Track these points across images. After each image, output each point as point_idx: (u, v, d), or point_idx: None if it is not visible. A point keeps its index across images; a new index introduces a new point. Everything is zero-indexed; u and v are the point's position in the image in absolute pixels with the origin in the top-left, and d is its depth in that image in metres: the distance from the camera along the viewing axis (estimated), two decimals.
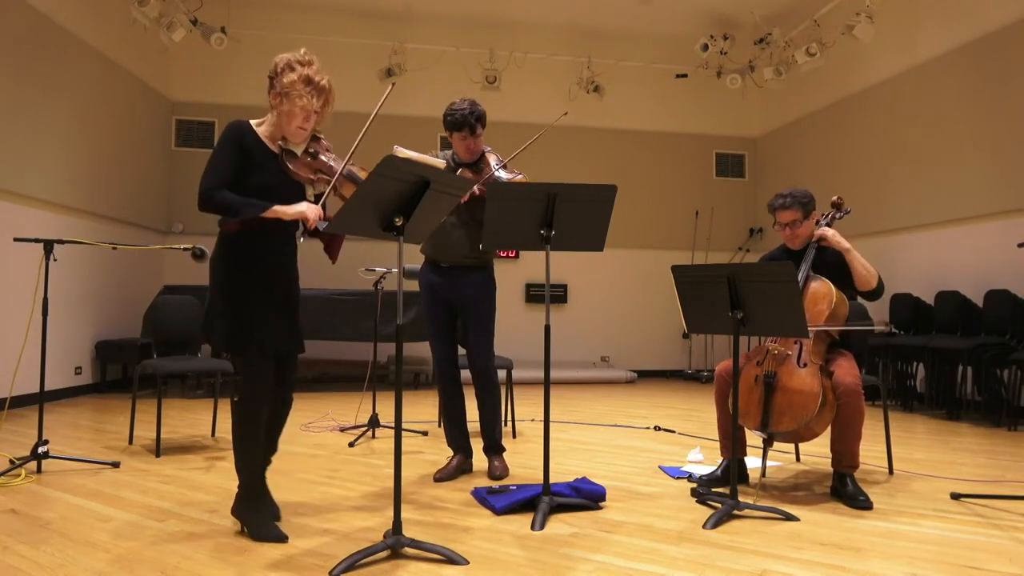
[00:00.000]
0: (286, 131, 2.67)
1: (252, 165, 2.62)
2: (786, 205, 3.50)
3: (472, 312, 3.64)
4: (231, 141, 2.61)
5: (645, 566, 2.38)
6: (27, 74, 5.91)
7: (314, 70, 2.63)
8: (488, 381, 3.68)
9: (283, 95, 2.61)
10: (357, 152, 2.71)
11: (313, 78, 2.62)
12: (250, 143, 2.64)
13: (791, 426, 3.15)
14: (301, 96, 2.59)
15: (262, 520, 2.63)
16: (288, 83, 2.59)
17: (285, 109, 2.62)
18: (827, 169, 8.30)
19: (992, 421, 5.41)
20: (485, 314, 3.67)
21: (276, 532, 2.58)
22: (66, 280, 6.20)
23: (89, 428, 5.01)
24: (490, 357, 3.70)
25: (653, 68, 9.34)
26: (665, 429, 5.11)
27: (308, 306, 6.74)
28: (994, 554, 2.50)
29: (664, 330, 9.30)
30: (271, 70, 2.65)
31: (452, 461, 3.66)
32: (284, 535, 2.57)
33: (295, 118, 2.63)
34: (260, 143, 2.67)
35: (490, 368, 3.69)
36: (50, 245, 3.55)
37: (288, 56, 2.65)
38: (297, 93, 2.59)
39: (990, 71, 6.19)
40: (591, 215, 3.01)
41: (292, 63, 2.63)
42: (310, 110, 2.63)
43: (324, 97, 2.66)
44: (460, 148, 3.57)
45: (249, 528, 2.61)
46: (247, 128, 2.66)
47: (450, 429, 3.71)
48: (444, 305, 3.67)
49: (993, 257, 6.01)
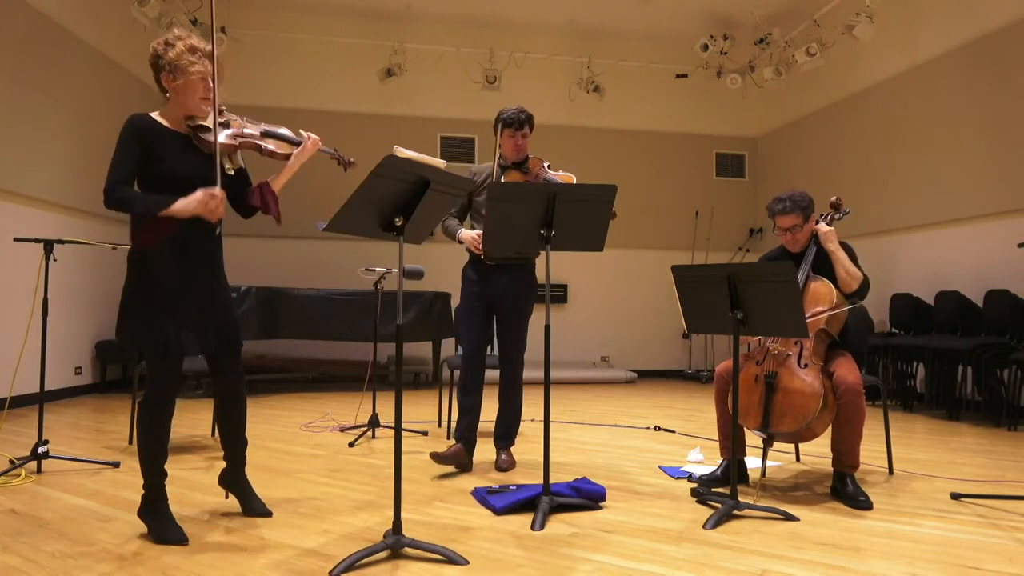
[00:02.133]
0: (190, 108, 2.59)
1: (163, 153, 2.54)
2: (786, 210, 3.49)
3: (511, 310, 3.74)
4: (130, 136, 2.52)
5: (645, 566, 2.38)
6: (27, 74, 5.91)
7: (195, 39, 2.58)
8: (518, 381, 3.80)
9: (174, 71, 2.52)
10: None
11: (196, 46, 2.56)
12: (153, 134, 2.54)
13: (792, 427, 3.15)
14: (193, 64, 2.51)
15: (164, 525, 2.57)
16: (175, 56, 2.51)
17: (181, 84, 2.53)
18: (827, 169, 8.30)
19: (992, 421, 5.41)
20: (525, 315, 3.77)
21: (178, 535, 2.54)
22: (66, 280, 6.20)
23: (89, 428, 5.00)
24: (521, 358, 3.81)
25: (653, 68, 9.33)
26: (665, 429, 5.11)
27: (308, 306, 6.88)
28: (994, 554, 2.50)
29: (664, 330, 9.30)
30: (150, 57, 2.57)
31: (453, 448, 3.68)
32: (185, 537, 2.53)
33: (195, 90, 2.55)
34: (166, 130, 2.58)
35: (520, 368, 3.81)
36: (50, 245, 3.55)
37: (160, 38, 2.59)
38: (187, 62, 2.51)
39: (990, 71, 6.19)
40: (591, 215, 3.01)
41: (170, 40, 2.57)
42: (207, 74, 2.55)
43: (216, 64, 2.57)
44: (509, 146, 3.74)
45: (152, 532, 2.57)
46: (146, 119, 2.57)
47: (463, 422, 3.73)
48: (482, 302, 3.75)
49: (993, 257, 6.01)
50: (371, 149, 3.02)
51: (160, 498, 2.62)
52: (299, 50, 8.63)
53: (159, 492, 2.62)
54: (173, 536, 2.54)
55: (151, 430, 2.60)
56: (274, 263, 8.23)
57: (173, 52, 2.53)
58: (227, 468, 2.91)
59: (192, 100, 2.58)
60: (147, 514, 2.61)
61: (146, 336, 2.54)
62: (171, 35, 2.59)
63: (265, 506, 2.88)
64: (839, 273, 3.39)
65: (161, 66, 2.56)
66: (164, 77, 2.57)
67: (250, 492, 2.90)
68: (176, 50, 2.53)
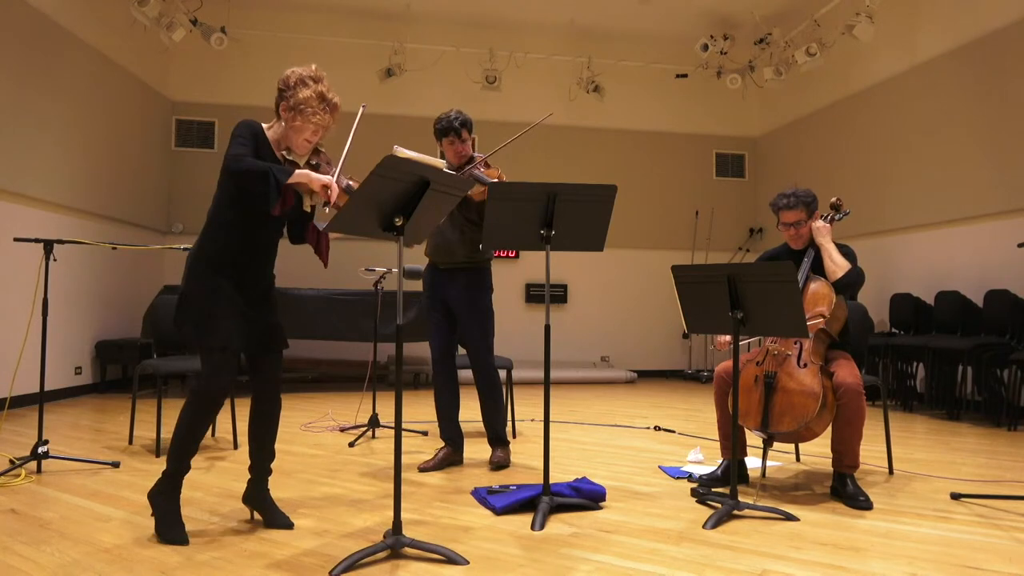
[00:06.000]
0: (293, 143, 2.66)
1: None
2: (790, 205, 3.51)
3: (466, 312, 3.78)
4: (248, 132, 2.60)
5: (645, 566, 2.38)
6: (27, 74, 5.91)
7: (327, 87, 2.64)
8: (488, 378, 3.82)
9: (296, 110, 2.59)
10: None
11: (327, 95, 2.62)
12: (262, 143, 2.63)
13: (791, 426, 3.15)
14: (316, 113, 2.59)
15: (171, 518, 2.58)
16: (303, 99, 2.58)
17: (297, 124, 2.61)
18: (827, 169, 8.30)
19: (992, 421, 5.42)
20: (479, 314, 3.80)
21: (180, 534, 2.54)
22: (66, 280, 6.20)
23: (89, 428, 5.00)
24: (488, 355, 3.83)
25: (653, 68, 9.34)
26: (665, 429, 5.11)
27: (308, 306, 6.87)
28: (994, 554, 2.50)
29: (664, 330, 9.30)
30: (282, 81, 2.64)
31: (440, 452, 3.80)
32: (186, 538, 2.54)
33: (305, 133, 2.63)
34: (268, 146, 2.65)
35: (489, 366, 3.83)
36: (50, 245, 3.55)
37: (301, 70, 2.64)
38: (312, 111, 2.58)
39: (990, 71, 6.19)
40: (591, 215, 3.02)
41: (305, 79, 2.62)
42: (324, 126, 2.64)
43: (335, 114, 2.67)
44: (449, 153, 3.81)
45: (157, 522, 2.58)
46: (260, 128, 2.66)
47: (440, 421, 3.85)
48: (442, 304, 3.83)
49: (993, 257, 6.01)
50: (371, 149, 3.03)
51: (176, 487, 2.62)
52: (299, 50, 8.60)
53: (177, 480, 2.62)
54: (176, 535, 2.54)
55: (193, 422, 2.61)
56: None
57: (304, 94, 2.58)
58: (252, 480, 2.81)
59: (299, 140, 2.64)
60: (159, 495, 2.60)
61: (210, 326, 2.57)
62: (309, 72, 2.63)
63: (288, 518, 2.79)
64: (826, 264, 3.42)
65: (286, 96, 2.61)
66: (283, 107, 2.62)
67: (274, 507, 2.81)
68: (307, 92, 2.58)
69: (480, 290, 3.80)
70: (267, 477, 2.81)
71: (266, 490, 2.81)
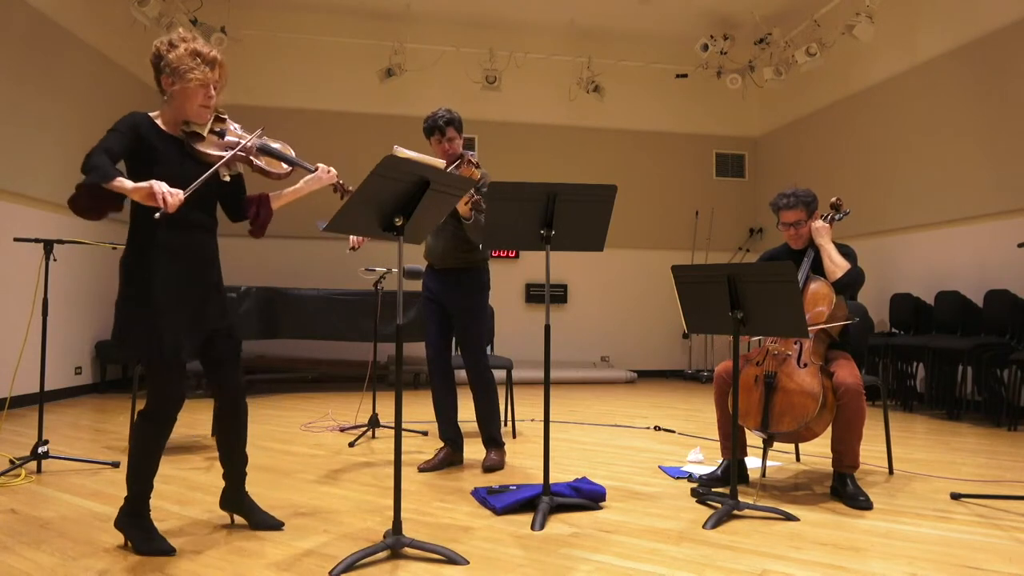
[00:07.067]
0: (188, 113, 2.49)
1: (155, 156, 2.44)
2: (790, 205, 3.52)
3: (461, 313, 3.78)
4: (127, 127, 2.43)
5: (645, 566, 2.38)
6: (27, 74, 5.91)
7: (199, 43, 2.49)
8: (481, 379, 3.81)
9: (175, 75, 2.42)
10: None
11: (200, 50, 2.45)
12: (149, 133, 2.46)
13: (791, 426, 3.15)
14: (191, 70, 2.42)
15: (148, 535, 2.46)
16: (176, 59, 2.41)
17: (178, 89, 2.44)
18: (827, 169, 8.30)
19: (992, 421, 5.41)
20: (474, 314, 3.80)
21: (164, 545, 2.43)
22: (66, 280, 6.19)
23: (89, 428, 5.00)
24: (482, 356, 3.83)
25: (653, 68, 9.33)
26: (665, 429, 5.11)
27: (308, 306, 6.88)
28: (994, 554, 2.50)
29: (664, 330, 9.30)
30: (152, 56, 2.48)
31: (439, 453, 3.81)
32: (172, 548, 2.43)
33: (195, 96, 2.46)
34: (161, 132, 2.49)
35: (482, 366, 3.82)
36: (50, 245, 3.55)
37: (164, 37, 2.50)
38: (187, 67, 2.41)
39: (990, 71, 6.19)
40: (591, 215, 3.02)
41: (173, 41, 2.46)
42: (207, 82, 2.46)
43: (218, 69, 2.49)
44: (438, 151, 3.81)
45: (134, 543, 2.45)
46: (144, 118, 2.48)
47: (440, 422, 3.85)
48: (438, 305, 3.83)
49: (993, 257, 6.01)
50: (371, 149, 3.03)
51: (142, 511, 2.48)
52: (299, 50, 8.63)
53: (142, 503, 2.48)
54: (159, 546, 2.43)
55: (146, 447, 2.47)
56: (274, 263, 8.23)
57: (174, 55, 2.43)
58: (227, 488, 2.74)
59: (190, 106, 2.48)
60: (127, 526, 2.47)
61: (142, 338, 2.42)
62: (175, 35, 2.50)
63: (274, 518, 2.74)
64: (826, 264, 3.42)
65: (161, 67, 2.47)
66: (164, 79, 2.48)
67: (255, 508, 2.76)
68: (178, 52, 2.43)
69: (475, 291, 3.80)
70: (242, 480, 2.73)
71: (243, 493, 2.73)
